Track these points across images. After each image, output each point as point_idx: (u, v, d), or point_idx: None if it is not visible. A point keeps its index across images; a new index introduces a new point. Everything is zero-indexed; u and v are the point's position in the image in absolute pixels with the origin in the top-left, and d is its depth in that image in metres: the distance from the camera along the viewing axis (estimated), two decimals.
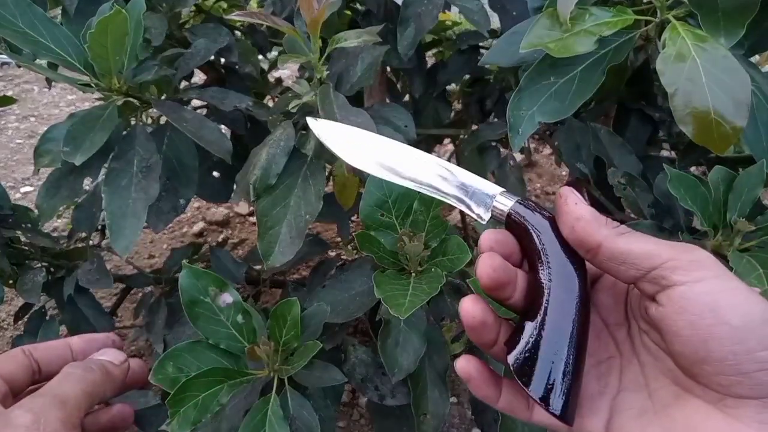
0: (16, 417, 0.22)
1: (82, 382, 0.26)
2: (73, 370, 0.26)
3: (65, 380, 0.26)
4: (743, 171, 0.50)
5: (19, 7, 0.51)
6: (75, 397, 0.25)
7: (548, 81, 0.48)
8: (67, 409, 0.24)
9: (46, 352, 0.28)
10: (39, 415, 0.23)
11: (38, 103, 2.56)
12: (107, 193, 0.54)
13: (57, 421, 0.23)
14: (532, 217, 0.26)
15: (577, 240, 0.24)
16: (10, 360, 0.27)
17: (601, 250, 0.23)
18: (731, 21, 0.43)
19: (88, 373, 0.26)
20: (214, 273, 0.48)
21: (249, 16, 0.55)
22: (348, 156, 0.29)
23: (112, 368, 0.28)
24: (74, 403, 0.24)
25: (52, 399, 0.24)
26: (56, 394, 0.24)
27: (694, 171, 0.59)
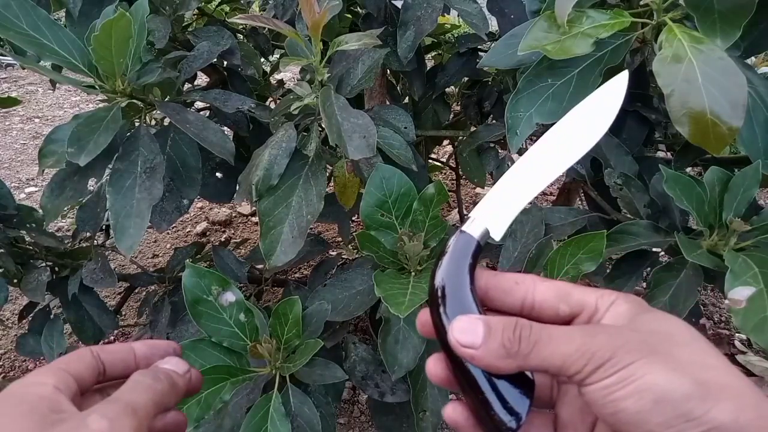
0: (93, 422, 0.23)
1: (151, 392, 0.26)
2: (142, 378, 0.27)
3: (136, 388, 0.26)
4: (739, 171, 0.51)
5: (23, 9, 0.52)
6: (145, 407, 0.25)
7: (546, 83, 0.49)
8: (137, 417, 0.24)
9: (111, 355, 0.28)
10: (113, 422, 0.23)
11: (42, 104, 2.57)
12: (111, 193, 0.55)
13: (130, 428, 0.23)
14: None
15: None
16: (79, 359, 0.27)
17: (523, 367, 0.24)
18: (727, 23, 0.44)
19: (156, 383, 0.27)
20: (216, 272, 0.48)
21: (251, 19, 0.56)
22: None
23: (177, 378, 0.28)
24: (144, 412, 0.25)
25: (125, 407, 0.24)
26: (128, 402, 0.25)
27: (690, 171, 0.60)
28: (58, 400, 0.24)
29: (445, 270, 0.27)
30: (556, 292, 0.26)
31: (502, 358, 0.24)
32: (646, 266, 0.57)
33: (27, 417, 0.23)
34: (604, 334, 0.23)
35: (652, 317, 0.24)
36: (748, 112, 0.44)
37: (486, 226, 0.29)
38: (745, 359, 1.08)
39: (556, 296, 0.26)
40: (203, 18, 0.92)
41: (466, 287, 0.27)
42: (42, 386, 0.24)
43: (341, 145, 0.49)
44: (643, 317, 0.24)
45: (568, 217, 0.61)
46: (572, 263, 0.47)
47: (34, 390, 0.24)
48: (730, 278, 0.44)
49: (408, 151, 0.58)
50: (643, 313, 0.25)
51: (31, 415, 0.23)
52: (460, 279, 0.27)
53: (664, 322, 0.24)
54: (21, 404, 0.24)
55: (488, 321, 0.24)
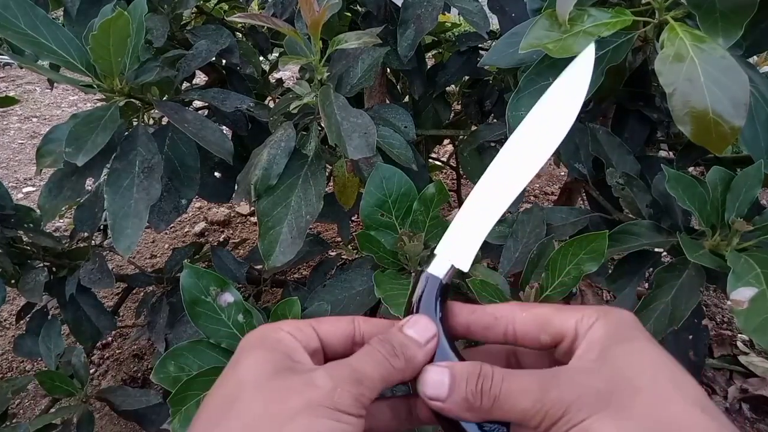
0: (318, 377, 0.23)
1: (382, 366, 0.25)
2: (379, 348, 0.26)
3: (368, 358, 0.25)
4: (741, 171, 0.50)
5: (21, 8, 0.52)
6: (371, 379, 0.24)
7: (547, 82, 0.48)
8: (361, 387, 0.24)
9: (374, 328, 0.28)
10: (337, 383, 0.23)
11: (40, 103, 2.57)
12: (109, 193, 0.55)
13: (350, 396, 0.23)
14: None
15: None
16: (333, 322, 0.27)
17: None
18: (729, 22, 0.43)
19: (391, 358, 0.25)
20: (215, 272, 0.48)
21: (250, 17, 0.55)
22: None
23: (414, 352, 0.26)
24: (369, 384, 0.24)
25: (352, 373, 0.24)
26: (356, 369, 0.24)
27: (692, 171, 0.59)
28: (294, 348, 0.25)
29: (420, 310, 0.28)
30: (535, 322, 0.26)
31: (467, 410, 0.24)
32: (648, 266, 0.57)
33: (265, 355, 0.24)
34: (558, 388, 0.23)
35: (621, 351, 0.24)
36: (750, 112, 0.44)
37: (451, 262, 0.29)
38: (747, 360, 1.08)
39: (536, 326, 0.26)
40: (202, 16, 0.92)
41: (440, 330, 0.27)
42: (280, 332, 0.25)
43: (341, 144, 0.49)
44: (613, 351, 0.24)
45: (570, 217, 0.61)
46: (574, 263, 0.47)
47: (275, 334, 0.25)
48: (732, 279, 0.44)
49: (408, 150, 0.58)
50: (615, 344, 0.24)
51: (270, 353, 0.24)
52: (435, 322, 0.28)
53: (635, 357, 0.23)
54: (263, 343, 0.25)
55: (453, 372, 0.25)
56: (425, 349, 0.27)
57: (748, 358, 1.09)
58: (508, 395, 0.23)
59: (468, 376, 0.25)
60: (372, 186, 0.52)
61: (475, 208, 0.30)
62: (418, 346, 0.27)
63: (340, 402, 0.23)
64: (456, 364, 0.26)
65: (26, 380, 0.71)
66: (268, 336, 0.25)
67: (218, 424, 0.22)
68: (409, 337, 0.27)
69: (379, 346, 0.26)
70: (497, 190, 0.30)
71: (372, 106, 0.70)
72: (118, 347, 1.20)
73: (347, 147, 0.48)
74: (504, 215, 1.24)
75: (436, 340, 0.27)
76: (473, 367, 0.25)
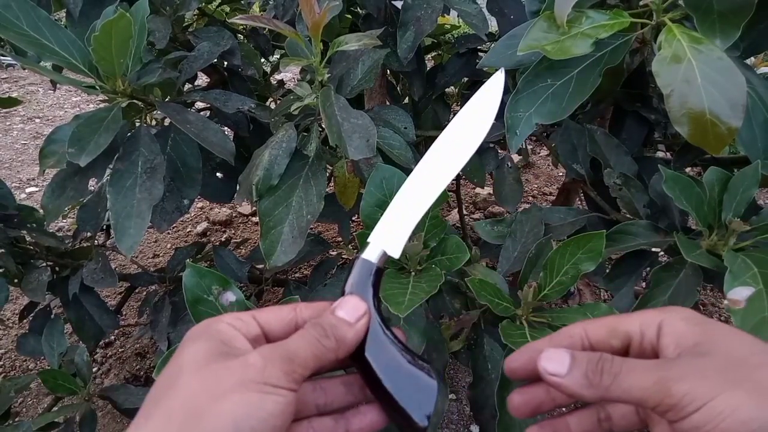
0: (251, 357, 0.25)
1: (314, 346, 0.27)
2: (311, 331, 0.28)
3: (299, 339, 0.27)
4: (738, 172, 0.51)
5: (23, 9, 0.52)
6: (304, 358, 0.26)
7: (545, 83, 0.49)
8: (292, 365, 0.26)
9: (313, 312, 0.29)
10: (267, 361, 0.25)
11: (43, 104, 2.57)
12: (112, 193, 0.55)
13: (280, 371, 0.25)
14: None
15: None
16: (275, 310, 0.29)
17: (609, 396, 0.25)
18: (727, 23, 0.44)
19: (323, 339, 0.27)
20: (217, 272, 0.48)
21: (251, 19, 0.56)
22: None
23: (344, 332, 0.28)
24: (301, 362, 0.26)
25: (283, 352, 0.26)
26: (287, 349, 0.26)
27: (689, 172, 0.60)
28: (232, 336, 0.27)
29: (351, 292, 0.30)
30: (604, 330, 0.28)
31: (585, 387, 0.25)
32: (645, 266, 0.57)
33: (205, 343, 0.26)
34: (678, 367, 0.24)
35: (718, 335, 0.25)
36: (747, 113, 0.44)
37: (382, 248, 0.31)
38: None
39: (605, 334, 0.28)
40: (203, 18, 0.93)
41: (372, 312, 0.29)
42: (221, 323, 0.27)
43: (341, 145, 0.49)
44: (709, 336, 0.25)
45: (568, 217, 0.61)
46: (572, 263, 0.47)
47: (215, 325, 0.27)
48: (729, 278, 0.44)
49: (408, 151, 0.58)
50: (705, 331, 0.25)
51: (209, 341, 0.26)
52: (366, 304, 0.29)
53: (731, 339, 0.24)
54: (204, 332, 0.27)
55: (574, 354, 0.26)
56: (355, 328, 0.29)
57: None
58: (630, 373, 0.24)
59: (589, 357, 0.26)
60: (372, 186, 0.52)
61: (405, 201, 0.33)
62: (348, 325, 0.28)
63: (269, 376, 0.25)
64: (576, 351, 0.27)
65: (29, 379, 0.72)
66: (209, 326, 0.27)
67: (158, 402, 0.24)
68: (339, 318, 0.29)
69: (311, 329, 0.28)
70: (423, 187, 0.34)
71: (372, 107, 0.70)
72: (120, 346, 1.20)
73: (348, 148, 0.49)
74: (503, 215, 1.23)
75: (366, 318, 0.29)
76: (592, 354, 0.26)
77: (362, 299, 0.30)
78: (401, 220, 0.33)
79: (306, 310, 0.30)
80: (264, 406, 0.24)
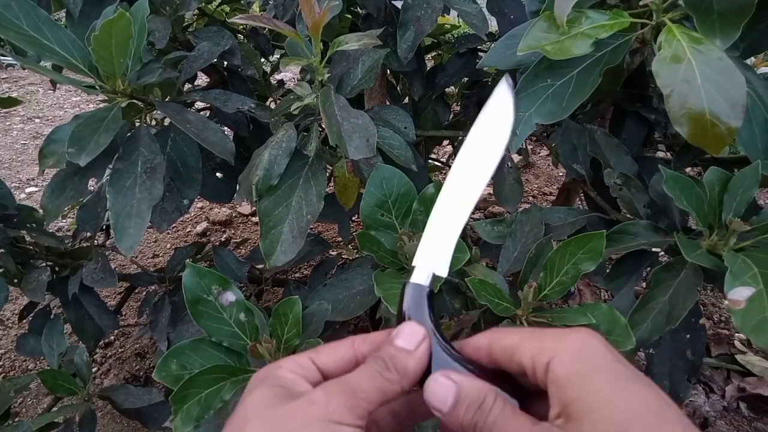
0: (314, 395, 0.25)
1: (377, 380, 0.27)
2: (372, 365, 0.27)
3: (362, 373, 0.27)
4: (738, 172, 0.51)
5: (23, 9, 0.52)
6: (367, 391, 0.26)
7: (545, 83, 0.49)
8: (356, 399, 0.25)
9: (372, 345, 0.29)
10: (330, 396, 0.25)
11: (43, 104, 2.57)
12: (112, 193, 0.55)
13: (343, 406, 0.25)
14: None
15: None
16: (332, 350, 0.29)
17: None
18: (727, 23, 0.44)
19: (385, 372, 0.27)
20: (217, 272, 0.48)
21: (251, 19, 0.56)
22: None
23: (405, 362, 0.27)
24: (364, 396, 0.26)
25: (346, 387, 0.26)
26: (350, 384, 0.26)
27: (689, 172, 0.60)
28: (294, 380, 0.27)
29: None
30: (504, 355, 0.27)
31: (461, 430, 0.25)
32: (645, 266, 0.57)
33: (268, 389, 0.26)
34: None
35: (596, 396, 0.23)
36: (747, 113, 0.44)
37: (431, 270, 0.31)
38: (745, 359, 1.09)
39: (505, 360, 0.27)
40: (203, 18, 0.92)
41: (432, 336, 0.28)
42: (281, 369, 0.27)
43: (341, 145, 0.49)
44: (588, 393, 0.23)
45: (568, 217, 0.61)
46: (572, 263, 0.47)
47: (276, 371, 0.27)
48: (729, 278, 0.44)
49: (408, 151, 0.58)
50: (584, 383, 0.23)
51: (272, 387, 0.26)
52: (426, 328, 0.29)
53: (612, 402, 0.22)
54: (265, 379, 0.27)
55: (458, 392, 0.26)
56: (416, 355, 0.28)
57: (746, 357, 1.09)
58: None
59: (470, 403, 0.25)
60: (372, 186, 0.52)
61: (442, 218, 0.33)
62: (408, 354, 0.28)
63: (334, 413, 0.24)
64: (465, 381, 0.26)
65: (29, 379, 0.72)
66: (269, 373, 0.27)
67: None
68: (399, 348, 0.28)
69: (373, 362, 0.27)
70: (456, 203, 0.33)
71: (372, 107, 0.70)
72: (120, 346, 1.20)
73: (348, 147, 0.49)
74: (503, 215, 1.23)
75: (427, 343, 0.28)
76: (479, 394, 0.26)
77: (420, 324, 0.29)
78: (443, 239, 0.32)
79: (364, 344, 0.29)
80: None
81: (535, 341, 0.26)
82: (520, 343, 0.26)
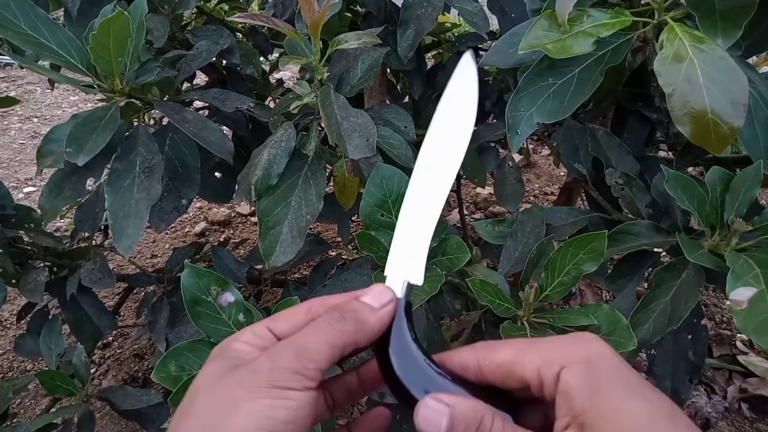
0: (259, 363, 0.24)
1: (327, 333, 0.25)
2: (325, 317, 0.26)
3: (309, 331, 0.25)
4: (740, 171, 0.50)
5: (21, 8, 0.52)
6: (315, 350, 0.24)
7: (547, 82, 0.48)
8: (301, 360, 0.24)
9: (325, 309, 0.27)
10: (274, 361, 0.24)
11: (41, 104, 2.57)
12: (110, 193, 0.55)
13: (287, 371, 0.23)
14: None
15: None
16: (289, 317, 0.27)
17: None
18: (729, 22, 0.44)
19: (336, 323, 0.25)
20: (215, 272, 0.48)
21: (250, 18, 0.55)
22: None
23: (366, 315, 0.26)
24: (311, 356, 0.24)
25: (290, 348, 0.24)
26: (296, 344, 0.24)
27: (691, 171, 0.60)
28: (247, 351, 0.25)
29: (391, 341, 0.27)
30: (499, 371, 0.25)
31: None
32: (647, 266, 0.57)
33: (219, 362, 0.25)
34: None
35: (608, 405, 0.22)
36: (749, 112, 0.44)
37: (405, 279, 0.28)
38: (747, 360, 1.08)
39: (500, 376, 0.25)
40: (202, 17, 0.92)
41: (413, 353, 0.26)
42: (237, 342, 0.26)
43: (341, 144, 0.49)
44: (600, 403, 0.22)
45: (569, 217, 0.61)
46: (573, 263, 0.47)
47: (231, 344, 0.26)
48: (731, 279, 0.44)
49: (408, 150, 0.58)
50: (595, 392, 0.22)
51: (223, 360, 0.25)
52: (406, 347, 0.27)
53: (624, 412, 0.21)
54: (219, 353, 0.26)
55: (454, 414, 0.24)
56: (378, 314, 0.26)
57: (748, 357, 1.09)
58: None
59: (466, 426, 0.23)
60: (372, 186, 0.52)
61: (411, 218, 0.30)
62: (372, 310, 0.26)
63: (277, 379, 0.23)
64: (458, 402, 0.24)
65: (27, 380, 0.71)
66: (225, 346, 0.26)
67: (176, 430, 0.23)
68: (362, 303, 0.27)
69: (326, 315, 0.26)
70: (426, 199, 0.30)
71: (372, 106, 0.70)
72: (118, 347, 1.20)
73: (347, 147, 0.48)
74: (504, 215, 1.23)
75: (392, 307, 0.27)
76: (474, 415, 0.24)
77: (389, 289, 0.27)
78: (414, 242, 0.29)
79: (321, 307, 0.28)
80: (275, 414, 0.22)
81: (535, 353, 0.24)
82: (518, 356, 0.25)
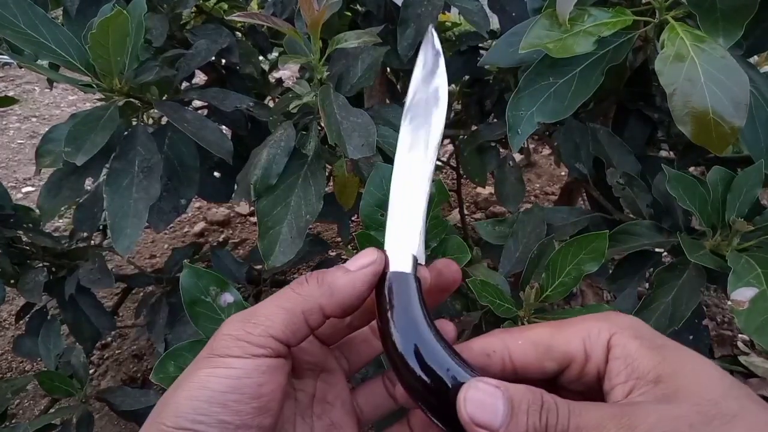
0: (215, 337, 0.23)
1: (281, 297, 0.23)
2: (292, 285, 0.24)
3: (276, 297, 0.24)
4: (742, 171, 0.50)
5: (20, 7, 0.52)
6: (264, 315, 0.23)
7: (547, 81, 0.48)
8: (246, 326, 0.22)
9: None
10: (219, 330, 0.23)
11: (39, 103, 2.56)
12: (108, 193, 0.54)
13: (228, 338, 0.22)
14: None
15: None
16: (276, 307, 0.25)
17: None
18: (730, 21, 0.43)
19: (296, 286, 0.23)
20: (215, 273, 0.48)
21: (250, 17, 0.55)
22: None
23: (334, 277, 0.23)
24: (259, 320, 0.23)
25: (238, 315, 0.23)
26: (247, 311, 0.23)
27: (692, 171, 0.59)
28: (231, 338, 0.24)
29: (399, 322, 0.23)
30: (535, 349, 0.23)
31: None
32: (648, 267, 0.57)
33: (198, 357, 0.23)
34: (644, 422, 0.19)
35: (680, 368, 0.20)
36: (750, 112, 0.44)
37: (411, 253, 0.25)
38: (748, 360, 1.08)
39: (537, 355, 0.23)
40: (201, 16, 0.92)
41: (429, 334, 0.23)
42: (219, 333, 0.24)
43: (340, 144, 0.49)
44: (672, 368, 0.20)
45: (570, 217, 0.61)
46: (574, 264, 0.47)
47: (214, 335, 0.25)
48: (732, 279, 0.44)
49: None
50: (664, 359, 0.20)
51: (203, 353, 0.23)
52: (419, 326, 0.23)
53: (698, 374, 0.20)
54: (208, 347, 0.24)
55: (511, 396, 0.20)
56: (352, 275, 0.23)
57: (749, 358, 1.09)
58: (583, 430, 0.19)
59: (529, 405, 0.20)
60: (372, 186, 0.52)
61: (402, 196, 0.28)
62: (344, 271, 0.24)
63: (217, 347, 0.22)
64: (511, 385, 0.21)
65: (26, 380, 0.71)
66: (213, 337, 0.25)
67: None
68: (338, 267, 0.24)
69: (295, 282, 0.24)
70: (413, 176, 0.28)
71: (372, 105, 0.69)
72: (117, 347, 1.20)
73: (347, 146, 0.48)
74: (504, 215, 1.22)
75: (373, 269, 0.24)
76: (533, 395, 0.20)
77: (375, 251, 0.25)
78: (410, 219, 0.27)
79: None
80: (209, 384, 0.21)
81: (575, 326, 0.23)
82: (558, 333, 0.23)
